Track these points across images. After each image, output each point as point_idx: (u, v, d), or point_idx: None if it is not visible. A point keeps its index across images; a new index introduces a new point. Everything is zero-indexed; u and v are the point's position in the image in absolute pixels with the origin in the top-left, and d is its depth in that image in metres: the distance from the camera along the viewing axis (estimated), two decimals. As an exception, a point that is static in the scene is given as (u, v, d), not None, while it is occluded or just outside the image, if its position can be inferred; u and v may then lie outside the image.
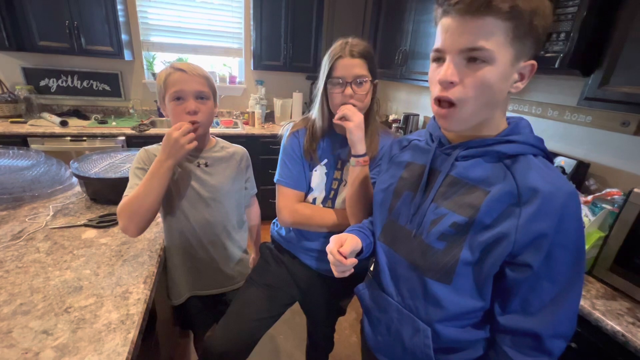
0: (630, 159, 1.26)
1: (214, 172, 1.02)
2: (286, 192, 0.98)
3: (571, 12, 1.08)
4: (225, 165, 1.05)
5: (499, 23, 0.48)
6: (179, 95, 0.89)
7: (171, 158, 0.85)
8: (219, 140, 1.09)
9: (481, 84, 0.51)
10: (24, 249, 0.92)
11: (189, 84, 0.89)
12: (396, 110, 2.83)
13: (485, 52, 0.49)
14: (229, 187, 1.05)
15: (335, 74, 0.86)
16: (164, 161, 0.85)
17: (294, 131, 0.99)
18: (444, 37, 0.52)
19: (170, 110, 0.92)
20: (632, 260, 0.91)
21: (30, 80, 2.52)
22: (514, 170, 0.55)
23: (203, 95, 0.92)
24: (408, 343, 0.67)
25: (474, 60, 0.50)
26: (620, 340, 0.79)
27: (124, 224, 0.87)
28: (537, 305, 0.55)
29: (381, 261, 0.72)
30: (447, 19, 0.52)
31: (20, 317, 0.69)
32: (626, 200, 0.91)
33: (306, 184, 1.00)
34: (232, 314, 1.02)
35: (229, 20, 2.80)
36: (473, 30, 0.49)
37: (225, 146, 1.09)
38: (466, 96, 0.52)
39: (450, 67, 0.51)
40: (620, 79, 1.02)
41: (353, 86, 0.86)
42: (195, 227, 1.01)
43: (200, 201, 1.00)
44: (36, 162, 1.29)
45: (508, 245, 0.53)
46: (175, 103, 0.90)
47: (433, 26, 0.56)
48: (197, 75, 0.91)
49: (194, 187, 0.99)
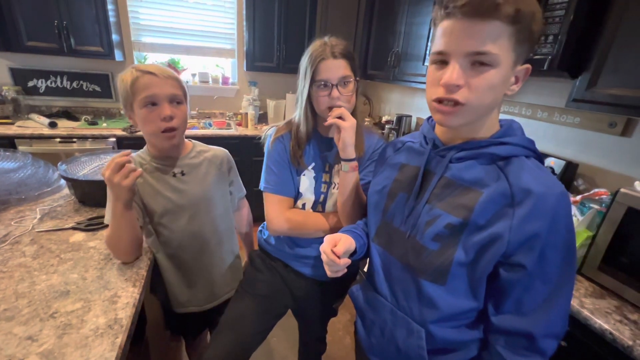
0: (617, 159, 1.29)
1: (191, 179, 0.97)
2: (275, 200, 0.94)
3: (559, 15, 1.09)
4: (205, 171, 1.00)
5: (504, 27, 0.49)
6: (152, 100, 0.83)
7: (117, 199, 0.80)
8: (196, 144, 1.03)
9: (486, 87, 0.51)
10: (9, 253, 0.90)
11: (161, 88, 0.83)
12: (389, 111, 2.84)
13: (492, 56, 0.50)
14: (212, 194, 1.00)
15: (319, 77, 0.83)
16: (115, 202, 0.80)
17: (279, 136, 0.95)
18: (447, 40, 0.52)
19: (141, 118, 0.84)
20: (620, 259, 0.93)
21: (18, 80, 2.47)
22: (507, 172, 0.55)
23: (177, 98, 0.86)
24: (402, 345, 0.67)
25: (480, 64, 0.50)
26: (608, 339, 0.81)
27: (119, 257, 0.89)
28: (530, 306, 0.56)
29: (375, 263, 0.72)
30: (450, 21, 0.51)
31: (3, 322, 0.67)
32: (613, 199, 0.93)
33: (294, 190, 0.97)
34: (226, 330, 0.98)
35: (222, 20, 2.79)
36: (480, 34, 0.49)
37: (203, 150, 1.03)
38: (471, 98, 0.52)
39: (456, 71, 0.51)
40: (607, 81, 1.04)
41: (339, 88, 0.84)
42: (182, 239, 0.97)
43: (181, 212, 0.95)
44: (23, 164, 1.26)
45: (502, 246, 0.53)
46: (148, 109, 0.83)
47: (426, 28, 0.57)
48: (168, 77, 0.85)
49: (171, 199, 0.94)
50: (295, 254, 1.02)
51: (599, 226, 0.97)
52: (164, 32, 2.71)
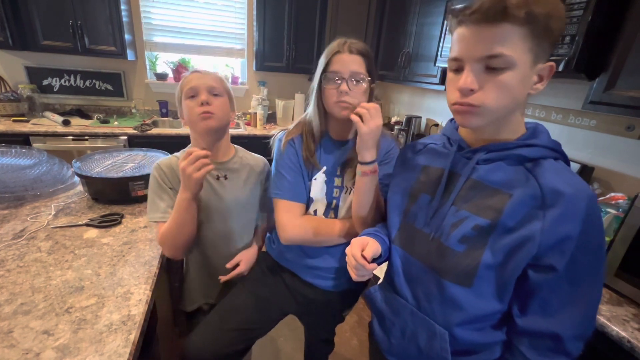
0: (634, 163, 1.25)
1: (231, 185, 1.00)
2: (287, 206, 0.90)
3: (576, 15, 1.07)
4: (245, 177, 1.03)
5: (515, 29, 0.49)
6: (193, 92, 0.90)
7: (186, 190, 0.84)
8: (238, 150, 1.07)
9: (502, 88, 0.52)
10: (26, 248, 0.92)
11: (200, 79, 0.91)
12: (398, 112, 2.83)
13: (505, 58, 0.50)
14: (247, 200, 1.03)
15: (330, 68, 0.81)
16: (182, 193, 0.85)
17: (289, 139, 0.91)
18: (460, 46, 0.53)
19: (185, 109, 0.92)
20: (638, 265, 0.90)
21: (33, 79, 2.53)
22: (536, 174, 0.55)
23: (215, 91, 0.92)
24: (424, 346, 0.66)
25: (494, 67, 0.51)
26: (626, 347, 0.79)
27: (170, 253, 0.94)
28: (556, 307, 0.55)
29: (395, 264, 0.72)
30: (462, 28, 0.53)
31: (21, 316, 0.68)
32: (632, 204, 0.90)
33: (306, 195, 0.92)
34: (215, 319, 0.97)
35: (232, 21, 2.81)
36: (489, 38, 0.50)
37: (245, 156, 1.07)
38: (487, 100, 0.52)
39: (469, 75, 0.52)
40: (626, 83, 1.01)
41: (349, 82, 0.80)
42: (213, 239, 1.00)
43: (217, 214, 0.99)
44: (38, 161, 1.29)
45: (533, 248, 0.53)
46: (190, 100, 0.91)
47: (437, 29, 0.57)
48: (208, 73, 0.94)
49: (211, 200, 0.97)
50: (305, 265, 0.98)
51: (616, 231, 0.95)
52: (175, 32, 2.74)
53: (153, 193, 0.95)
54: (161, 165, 0.95)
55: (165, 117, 2.78)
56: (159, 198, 0.94)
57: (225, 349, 0.95)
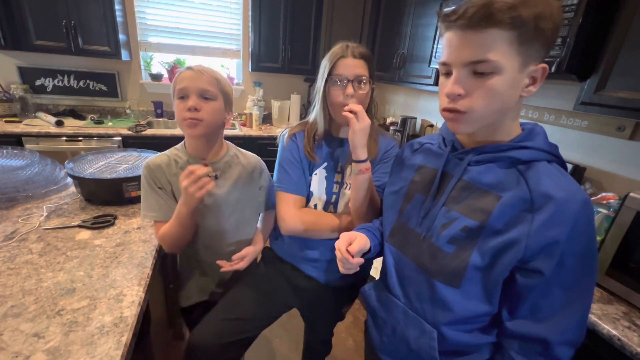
0: (625, 163, 1.27)
1: (223, 182, 0.99)
2: (287, 198, 0.95)
3: (567, 17, 1.09)
4: (237, 175, 1.02)
5: (501, 33, 0.48)
6: (182, 94, 0.87)
7: (185, 205, 0.85)
8: (231, 147, 1.05)
9: (490, 93, 0.51)
10: (16, 250, 0.91)
11: (193, 82, 0.86)
12: (393, 113, 2.84)
13: (492, 63, 0.49)
14: (239, 198, 1.02)
15: (336, 72, 0.85)
16: (182, 206, 0.86)
17: (292, 134, 0.96)
18: (448, 51, 0.53)
19: (175, 109, 0.90)
20: (628, 264, 0.92)
21: (26, 79, 2.50)
22: (527, 176, 0.55)
23: (207, 94, 0.88)
24: (414, 344, 0.67)
25: (481, 72, 0.51)
26: (616, 345, 0.79)
27: (169, 250, 0.97)
28: (547, 312, 0.55)
29: (388, 263, 0.72)
30: (450, 33, 0.53)
31: (10, 319, 0.68)
32: (622, 204, 0.92)
33: (307, 189, 0.97)
34: (217, 311, 0.99)
35: (228, 21, 2.80)
36: (475, 44, 0.50)
37: (238, 154, 1.05)
38: (474, 105, 0.52)
39: (456, 80, 0.52)
40: (616, 84, 1.03)
41: (354, 84, 0.85)
42: (206, 237, 1.00)
43: (209, 212, 0.98)
44: (30, 161, 1.27)
45: (519, 251, 0.53)
46: (179, 101, 0.87)
47: (431, 30, 0.57)
48: (205, 73, 0.88)
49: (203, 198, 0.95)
50: (304, 256, 1.01)
51: (607, 231, 0.96)
52: (170, 33, 2.73)
53: (145, 191, 0.95)
54: (150, 165, 0.94)
55: (160, 118, 2.76)
56: (150, 197, 0.94)
57: (227, 338, 0.96)
